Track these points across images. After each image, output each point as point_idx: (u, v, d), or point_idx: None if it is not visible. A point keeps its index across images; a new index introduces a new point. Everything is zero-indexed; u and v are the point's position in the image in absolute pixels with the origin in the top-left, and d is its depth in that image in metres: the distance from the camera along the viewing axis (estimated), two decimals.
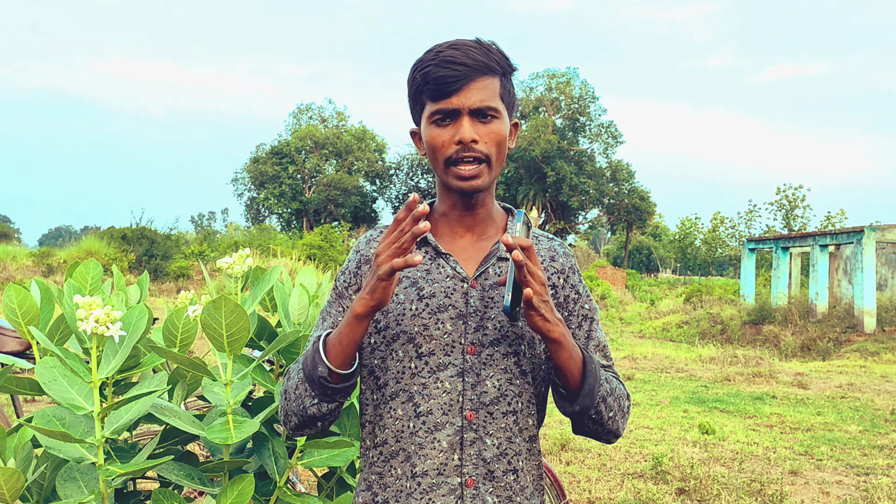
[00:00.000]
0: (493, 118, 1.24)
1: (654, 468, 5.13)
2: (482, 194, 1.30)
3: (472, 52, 1.22)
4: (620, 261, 59.16)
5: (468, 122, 1.22)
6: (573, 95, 46.78)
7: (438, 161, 1.25)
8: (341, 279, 1.34)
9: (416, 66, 1.26)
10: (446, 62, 1.21)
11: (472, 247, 1.32)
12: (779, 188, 39.98)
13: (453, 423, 1.22)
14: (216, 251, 28.86)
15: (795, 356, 13.91)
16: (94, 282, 2.00)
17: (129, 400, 1.53)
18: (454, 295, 1.26)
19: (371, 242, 1.35)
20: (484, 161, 1.24)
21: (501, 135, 1.26)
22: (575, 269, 1.36)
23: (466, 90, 1.22)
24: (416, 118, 1.31)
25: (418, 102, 1.28)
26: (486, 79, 1.24)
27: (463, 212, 1.31)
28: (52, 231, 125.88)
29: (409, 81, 1.29)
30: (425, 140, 1.27)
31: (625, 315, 23.45)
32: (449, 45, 1.24)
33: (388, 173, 52.12)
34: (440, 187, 1.33)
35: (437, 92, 1.22)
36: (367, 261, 1.33)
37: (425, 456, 1.22)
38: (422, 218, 1.08)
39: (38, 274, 21.34)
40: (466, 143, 1.22)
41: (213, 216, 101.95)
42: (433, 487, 1.21)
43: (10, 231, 53.66)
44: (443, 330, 1.24)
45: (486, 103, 1.23)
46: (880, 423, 7.16)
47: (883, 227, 16.23)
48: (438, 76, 1.21)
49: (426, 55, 1.25)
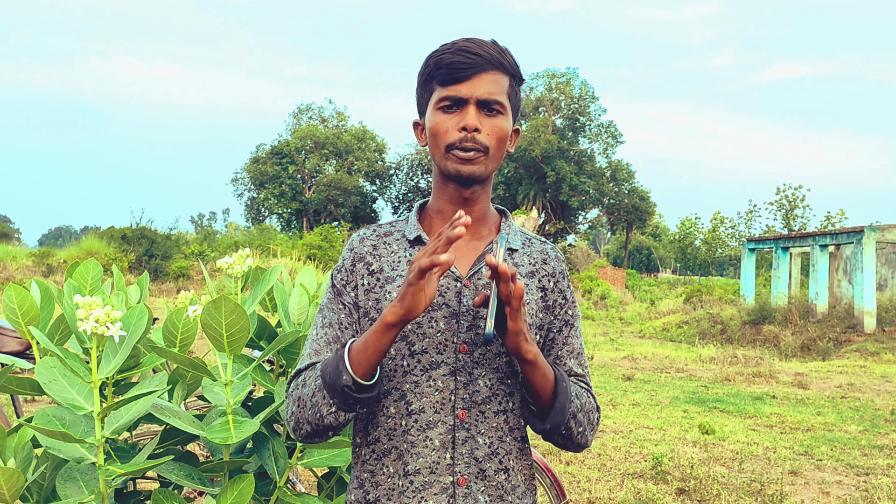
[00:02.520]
0: (499, 113, 1.26)
1: (654, 468, 5.13)
2: (478, 189, 1.30)
3: (487, 47, 1.25)
4: (620, 261, 59.17)
5: (474, 111, 1.24)
6: (573, 95, 46.77)
7: (440, 147, 1.26)
8: (338, 277, 1.33)
9: (431, 54, 1.28)
10: (461, 51, 1.23)
11: (466, 246, 1.32)
12: (779, 188, 40.01)
13: (445, 422, 1.23)
14: (216, 251, 28.87)
15: (795, 356, 13.91)
16: (94, 282, 2.00)
17: (129, 400, 1.53)
18: (448, 294, 1.26)
19: (365, 241, 1.34)
20: (483, 151, 1.25)
21: (504, 131, 1.27)
22: (565, 274, 1.38)
23: (477, 79, 1.24)
24: (423, 107, 1.32)
25: (427, 89, 1.29)
26: (497, 73, 1.25)
27: (459, 207, 1.31)
28: (52, 231, 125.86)
29: (420, 70, 1.30)
30: (429, 126, 1.28)
31: (625, 315, 23.45)
32: (465, 39, 1.26)
33: (388, 173, 52.12)
34: (437, 180, 1.33)
35: (448, 76, 1.24)
36: (361, 259, 1.32)
37: (417, 454, 1.22)
38: (461, 227, 1.06)
39: (38, 274, 21.34)
40: (470, 131, 1.23)
41: (213, 216, 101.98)
42: (425, 486, 1.22)
43: (10, 231, 53.65)
44: (436, 328, 1.24)
45: (494, 96, 1.24)
46: (880, 423, 7.16)
47: (883, 227, 16.23)
48: (452, 61, 1.23)
49: (442, 45, 1.27)
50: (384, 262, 1.31)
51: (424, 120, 1.31)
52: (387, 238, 1.34)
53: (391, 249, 1.32)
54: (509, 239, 1.34)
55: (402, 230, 1.35)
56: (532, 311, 1.30)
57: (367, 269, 1.31)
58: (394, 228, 1.36)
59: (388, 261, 1.31)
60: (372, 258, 1.31)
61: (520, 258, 1.34)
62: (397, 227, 1.36)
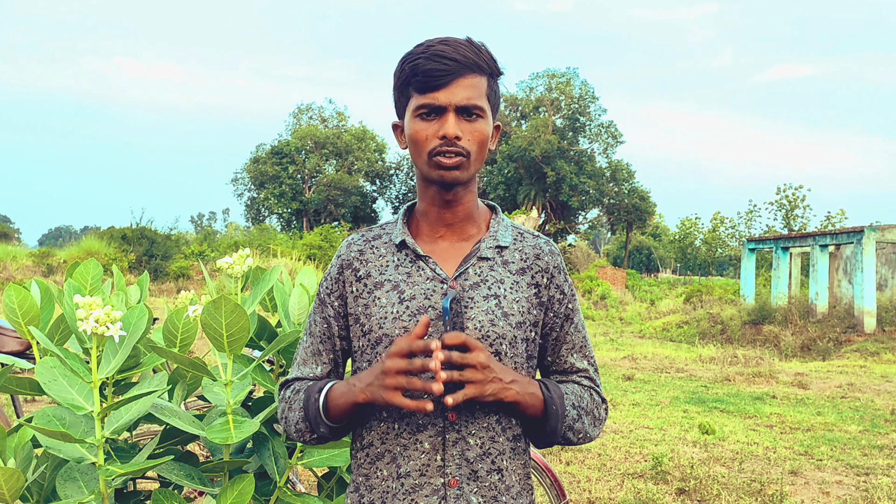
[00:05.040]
0: (478, 117, 1.25)
1: (654, 468, 5.13)
2: (461, 190, 1.30)
3: (463, 49, 1.23)
4: (620, 261, 59.15)
5: (454, 118, 1.23)
6: (573, 95, 46.76)
7: (421, 154, 1.26)
8: (324, 286, 1.36)
9: (405, 58, 1.26)
10: (436, 56, 1.21)
11: (452, 247, 1.32)
12: (779, 188, 39.98)
13: (435, 424, 1.23)
14: (216, 251, 28.88)
15: (795, 356, 13.91)
16: (94, 282, 2.00)
17: (129, 400, 1.53)
18: (434, 296, 1.26)
19: (352, 246, 1.35)
20: (465, 157, 1.24)
21: (485, 134, 1.26)
22: (561, 269, 1.37)
23: (454, 86, 1.22)
24: (400, 111, 1.31)
25: (404, 94, 1.28)
26: (474, 77, 1.24)
27: (442, 209, 1.31)
28: (52, 231, 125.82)
29: (396, 73, 1.29)
30: (408, 133, 1.27)
31: (625, 315, 23.44)
32: (440, 40, 1.24)
33: (388, 173, 52.12)
34: (420, 183, 1.33)
35: (424, 84, 1.22)
36: (348, 265, 1.33)
37: (409, 457, 1.23)
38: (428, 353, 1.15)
39: (38, 274, 21.34)
40: (450, 139, 1.22)
41: (213, 216, 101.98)
42: (416, 488, 1.22)
43: (10, 231, 53.62)
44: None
45: (473, 101, 1.23)
46: (880, 423, 7.16)
47: (883, 227, 16.23)
48: (427, 69, 1.21)
49: (416, 48, 1.25)
50: (371, 267, 1.31)
51: (403, 123, 1.31)
52: (375, 242, 1.34)
53: (379, 253, 1.32)
54: (498, 235, 1.33)
55: (390, 233, 1.35)
56: (524, 308, 1.30)
57: (355, 275, 1.31)
58: (382, 231, 1.37)
59: (376, 266, 1.31)
60: (359, 263, 1.32)
61: (510, 255, 1.33)
62: (385, 231, 1.36)
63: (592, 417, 1.33)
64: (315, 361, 1.36)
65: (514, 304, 1.29)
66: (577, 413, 1.29)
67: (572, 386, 1.34)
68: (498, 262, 1.31)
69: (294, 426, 1.31)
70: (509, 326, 1.27)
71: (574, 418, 1.29)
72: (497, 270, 1.30)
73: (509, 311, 1.28)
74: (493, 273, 1.30)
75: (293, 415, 1.31)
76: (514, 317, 1.28)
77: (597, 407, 1.35)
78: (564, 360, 1.36)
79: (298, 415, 1.30)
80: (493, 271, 1.30)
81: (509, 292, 1.29)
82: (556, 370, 1.38)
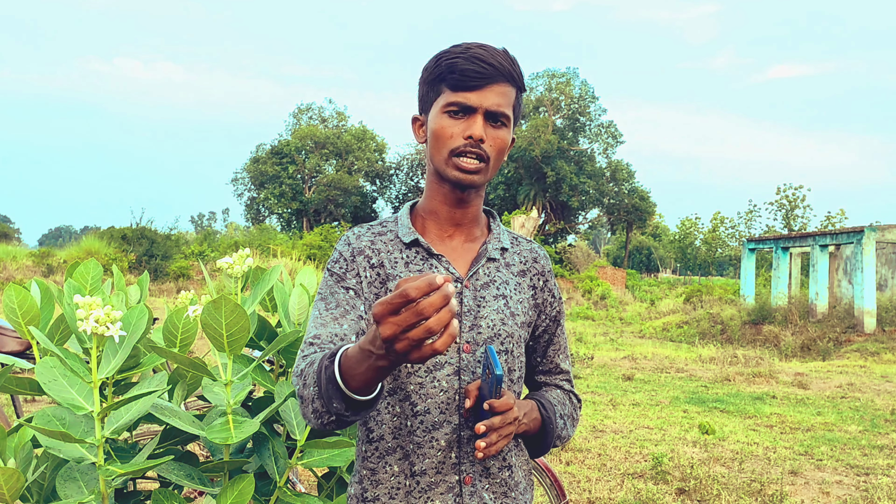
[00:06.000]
0: (503, 125, 1.27)
1: (654, 468, 5.13)
2: (473, 193, 1.31)
3: (500, 57, 1.25)
4: (620, 261, 59.17)
5: (482, 121, 1.24)
6: (573, 95, 46.79)
7: (441, 151, 1.26)
8: (336, 266, 1.30)
9: (442, 55, 1.27)
10: (475, 58, 1.23)
11: (462, 247, 1.34)
12: (779, 188, 40.00)
13: (450, 422, 1.24)
14: (216, 251, 28.90)
15: (795, 356, 13.90)
16: (94, 282, 2.00)
17: (129, 400, 1.53)
18: None
19: (361, 237, 1.33)
20: (485, 161, 1.26)
21: (506, 142, 1.28)
22: (552, 272, 1.44)
23: (487, 90, 1.24)
24: (426, 105, 1.31)
25: (434, 89, 1.28)
26: (506, 85, 1.26)
27: (453, 208, 1.32)
28: (52, 231, 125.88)
29: (428, 68, 1.29)
30: (433, 127, 1.27)
31: (625, 315, 23.44)
32: (478, 45, 1.26)
33: (388, 173, 52.14)
34: (432, 180, 1.33)
35: (459, 83, 1.24)
36: (360, 252, 1.30)
37: (424, 455, 1.23)
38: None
39: (38, 274, 21.34)
40: (475, 140, 1.24)
41: (213, 216, 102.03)
42: (432, 486, 1.23)
43: (10, 231, 53.65)
44: None
45: (502, 108, 1.25)
46: (880, 423, 7.16)
47: (883, 227, 16.23)
48: (465, 68, 1.23)
49: (454, 48, 1.27)
50: (383, 257, 1.30)
51: (426, 118, 1.31)
52: (381, 237, 1.34)
53: (388, 248, 1.32)
54: (500, 238, 1.37)
55: (395, 230, 1.34)
56: (525, 309, 1.35)
57: (368, 262, 1.30)
58: (385, 228, 1.36)
59: (387, 258, 1.30)
60: (371, 252, 1.31)
61: (510, 257, 1.37)
62: (388, 227, 1.36)
63: (573, 420, 1.42)
64: (337, 322, 1.22)
65: (518, 305, 1.33)
66: (563, 422, 1.38)
67: (556, 392, 1.42)
68: (502, 264, 1.35)
69: (311, 406, 1.09)
70: (516, 326, 1.31)
71: (562, 427, 1.37)
72: (503, 272, 1.34)
73: (516, 311, 1.32)
74: (500, 274, 1.34)
75: (308, 391, 1.10)
76: (519, 317, 1.33)
77: (575, 409, 1.45)
78: (551, 361, 1.43)
79: (313, 390, 1.08)
80: (500, 272, 1.34)
81: (514, 293, 1.34)
82: (542, 370, 1.44)
